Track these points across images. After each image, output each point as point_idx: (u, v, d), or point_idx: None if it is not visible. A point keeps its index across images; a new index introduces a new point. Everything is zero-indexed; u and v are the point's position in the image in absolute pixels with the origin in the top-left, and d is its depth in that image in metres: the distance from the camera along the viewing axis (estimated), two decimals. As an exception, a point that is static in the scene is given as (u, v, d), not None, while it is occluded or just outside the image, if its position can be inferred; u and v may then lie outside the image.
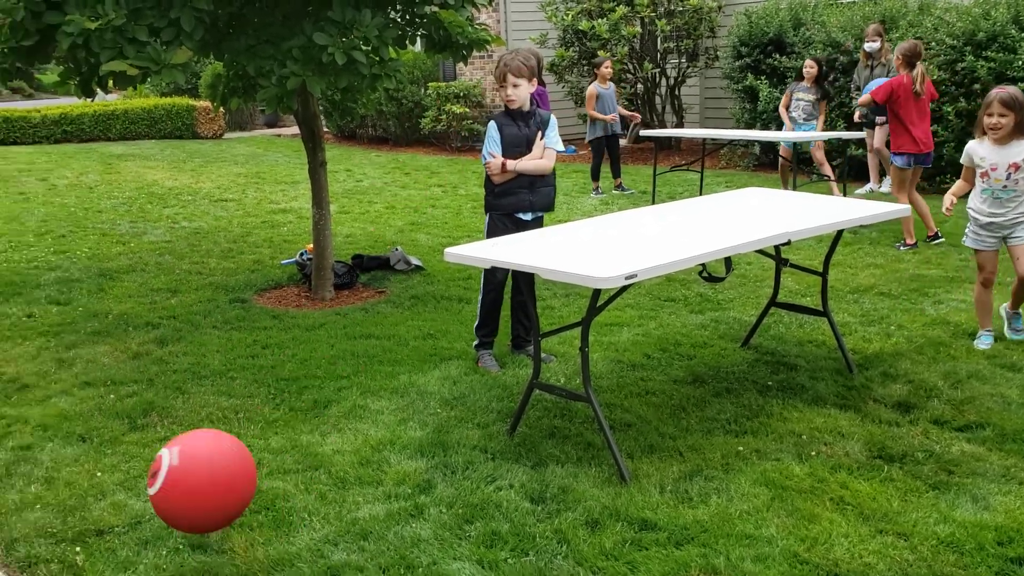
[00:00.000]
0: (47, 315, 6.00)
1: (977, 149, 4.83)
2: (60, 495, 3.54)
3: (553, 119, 4.93)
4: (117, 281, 6.84)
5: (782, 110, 9.69)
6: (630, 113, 11.58)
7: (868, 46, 9.46)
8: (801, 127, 9.48)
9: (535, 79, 4.87)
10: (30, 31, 4.80)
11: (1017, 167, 4.68)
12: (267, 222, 9.25)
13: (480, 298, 5.01)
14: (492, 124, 4.89)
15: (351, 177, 12.66)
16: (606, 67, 10.66)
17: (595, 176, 10.67)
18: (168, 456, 2.93)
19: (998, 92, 4.72)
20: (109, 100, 19.14)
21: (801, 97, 9.51)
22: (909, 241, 7.26)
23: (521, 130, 4.83)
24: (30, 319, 5.94)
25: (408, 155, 15.28)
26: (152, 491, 2.94)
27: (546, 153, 4.83)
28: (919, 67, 7.18)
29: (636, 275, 3.29)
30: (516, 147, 4.82)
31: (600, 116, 10.45)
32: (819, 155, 9.63)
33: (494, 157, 4.76)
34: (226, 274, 7.01)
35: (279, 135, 19.31)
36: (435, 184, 11.75)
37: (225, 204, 10.44)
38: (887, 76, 9.35)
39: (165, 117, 18.44)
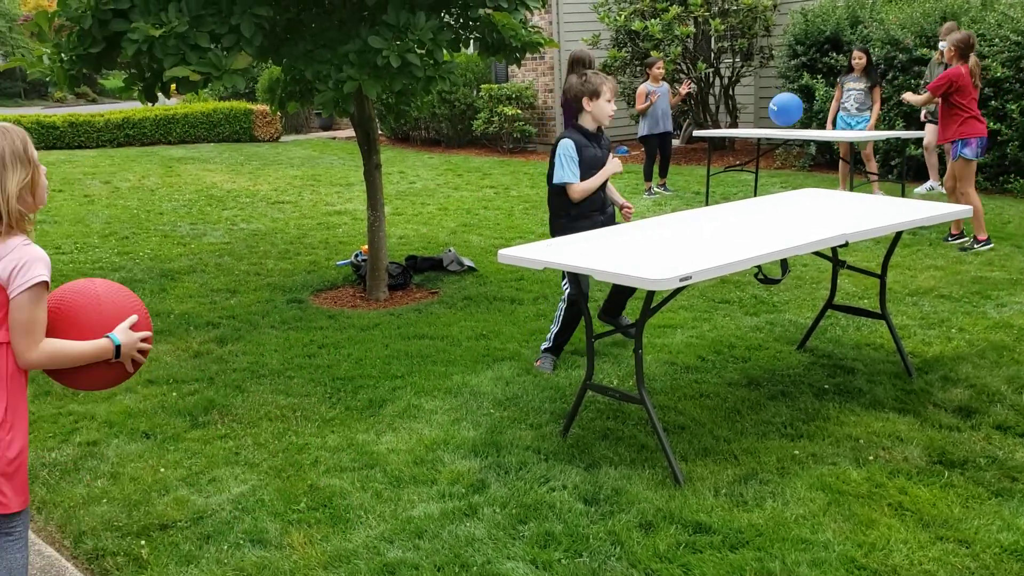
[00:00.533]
0: (112, 314, 6.16)
1: None
2: (125, 490, 3.65)
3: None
4: (178, 281, 7.00)
5: (833, 105, 9.54)
6: (681, 91, 11.14)
7: (942, 44, 9.26)
8: (855, 119, 9.32)
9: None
10: (97, 38, 4.95)
11: None
12: (323, 224, 9.38)
13: (564, 306, 4.83)
14: (569, 143, 4.54)
15: (404, 179, 12.77)
16: (658, 67, 10.60)
17: (648, 175, 10.61)
18: None
19: None
20: (170, 104, 19.60)
21: (852, 87, 9.36)
22: (981, 237, 7.08)
23: (597, 151, 4.62)
24: (95, 318, 6.10)
25: (460, 157, 15.36)
26: None
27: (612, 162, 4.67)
28: (973, 58, 7.02)
29: (691, 276, 3.28)
30: (593, 168, 4.60)
31: (640, 107, 10.32)
32: (866, 150, 9.47)
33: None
34: (283, 275, 7.14)
35: (334, 138, 19.55)
36: (487, 186, 11.80)
37: (282, 206, 10.61)
38: None
39: (223, 121, 18.79)
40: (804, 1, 12.90)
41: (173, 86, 5.11)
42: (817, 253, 4.59)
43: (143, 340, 2.54)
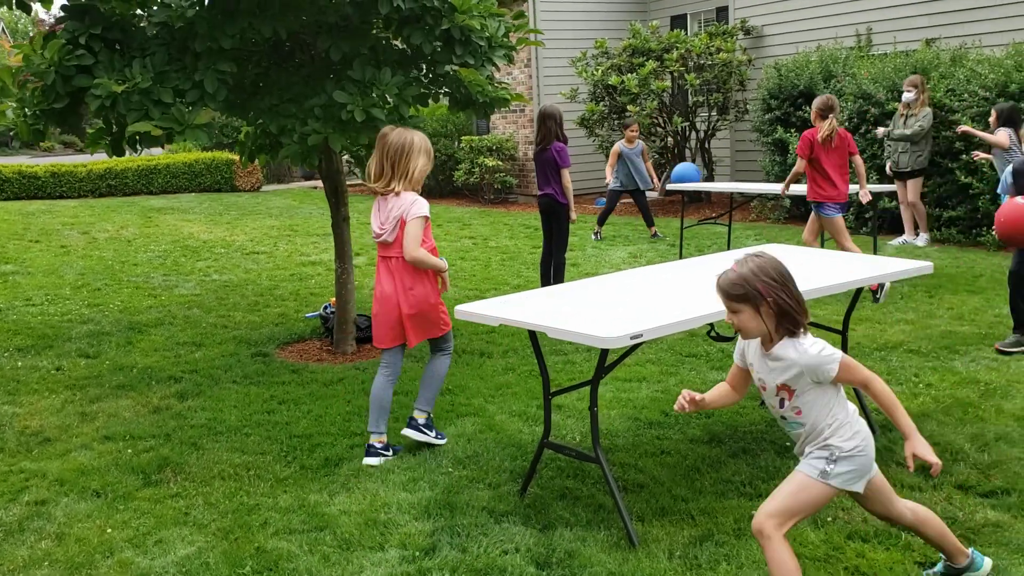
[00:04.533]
0: (75, 368, 6.09)
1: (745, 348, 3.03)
2: (69, 551, 3.55)
3: None
4: (145, 334, 6.93)
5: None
6: (654, 175, 11.78)
7: (906, 96, 9.42)
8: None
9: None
10: (61, 94, 4.95)
11: (790, 392, 2.87)
12: (296, 274, 9.35)
13: None
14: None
15: (383, 230, 12.78)
16: (632, 130, 11.26)
17: (600, 221, 11.45)
18: None
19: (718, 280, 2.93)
20: (154, 154, 19.65)
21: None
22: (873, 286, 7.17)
23: None
24: (59, 372, 6.03)
25: (442, 207, 15.41)
26: None
27: None
28: (831, 119, 7.28)
29: (642, 335, 3.25)
30: None
31: (608, 174, 11.41)
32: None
33: None
34: (251, 327, 7.08)
35: (316, 187, 19.62)
36: (466, 236, 11.82)
37: (256, 256, 10.59)
38: (916, 127, 9.30)
39: (205, 171, 18.85)
40: (778, 56, 13.11)
41: (137, 140, 5.10)
42: (779, 309, 4.57)
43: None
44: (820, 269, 4.36)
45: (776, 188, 9.72)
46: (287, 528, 3.67)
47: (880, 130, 9.92)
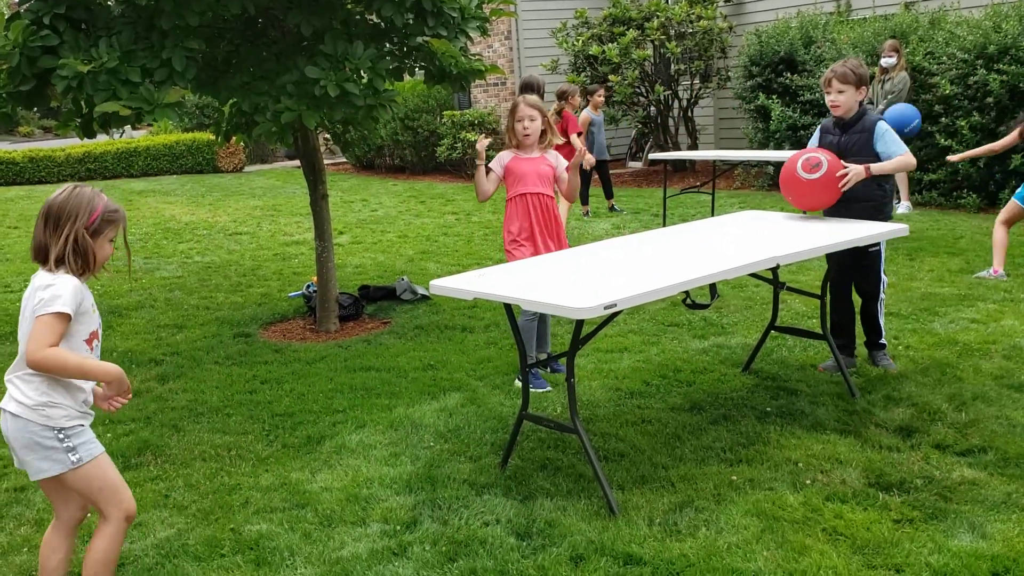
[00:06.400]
0: (54, 354, 6.05)
1: None
2: (48, 537, 3.54)
3: (882, 126, 4.66)
4: (125, 318, 6.89)
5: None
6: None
7: (884, 61, 9.37)
8: None
9: (864, 88, 4.69)
10: (27, 76, 4.88)
11: None
12: (279, 254, 9.30)
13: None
14: (818, 129, 4.89)
15: (367, 207, 12.72)
16: (599, 95, 11.01)
17: (584, 200, 10.99)
18: None
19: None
20: (133, 137, 19.46)
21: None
22: None
23: (839, 139, 4.71)
24: (38, 358, 5.98)
25: (424, 183, 15.34)
26: None
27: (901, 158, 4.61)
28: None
29: (616, 304, 3.24)
30: None
31: (576, 143, 10.73)
32: None
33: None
34: (233, 308, 7.04)
35: (299, 167, 19.46)
36: (449, 212, 11.77)
37: (239, 237, 10.52)
38: (892, 92, 9.26)
39: (186, 152, 18.68)
40: (759, 22, 13.04)
41: (108, 121, 5.03)
42: (757, 275, 4.58)
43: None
44: (797, 234, 4.36)
45: (756, 155, 9.71)
46: (268, 507, 3.67)
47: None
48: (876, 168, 4.54)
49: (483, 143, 4.95)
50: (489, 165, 5.07)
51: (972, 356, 4.95)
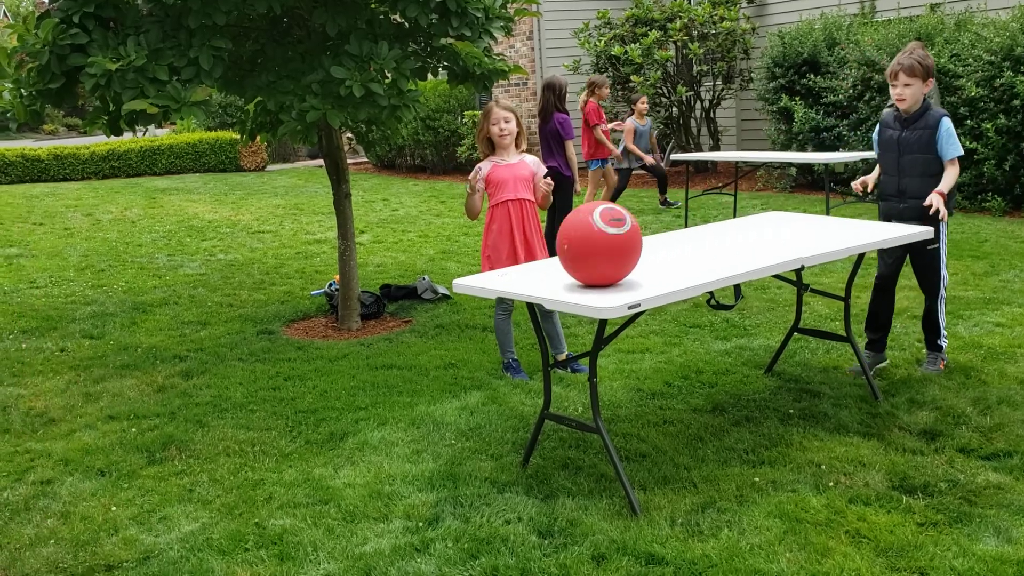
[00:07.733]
0: (80, 349, 6.12)
1: None
2: (74, 530, 3.58)
3: (946, 123, 4.52)
4: (150, 314, 6.95)
5: None
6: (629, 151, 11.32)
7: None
8: None
9: (931, 80, 4.58)
10: (56, 74, 4.94)
11: None
12: (301, 253, 9.36)
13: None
14: (879, 124, 4.79)
15: (388, 206, 12.77)
16: (642, 103, 10.92)
17: (661, 189, 11.36)
18: None
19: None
20: (157, 135, 19.63)
21: None
22: None
23: (900, 134, 4.61)
24: (63, 353, 6.05)
25: (445, 183, 15.38)
26: None
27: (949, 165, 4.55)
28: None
29: (640, 304, 3.24)
30: (887, 151, 4.67)
31: (635, 150, 10.72)
32: None
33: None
34: (256, 306, 7.09)
35: (321, 166, 19.58)
36: (469, 212, 11.78)
37: (262, 236, 10.59)
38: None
39: (209, 151, 18.82)
40: (782, 24, 12.98)
41: (135, 119, 5.08)
42: (780, 277, 4.56)
43: None
44: (821, 235, 4.34)
45: (778, 156, 9.67)
46: (291, 502, 3.70)
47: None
48: (945, 188, 4.49)
49: (479, 183, 5.04)
50: (475, 185, 5.08)
51: (997, 360, 4.91)
